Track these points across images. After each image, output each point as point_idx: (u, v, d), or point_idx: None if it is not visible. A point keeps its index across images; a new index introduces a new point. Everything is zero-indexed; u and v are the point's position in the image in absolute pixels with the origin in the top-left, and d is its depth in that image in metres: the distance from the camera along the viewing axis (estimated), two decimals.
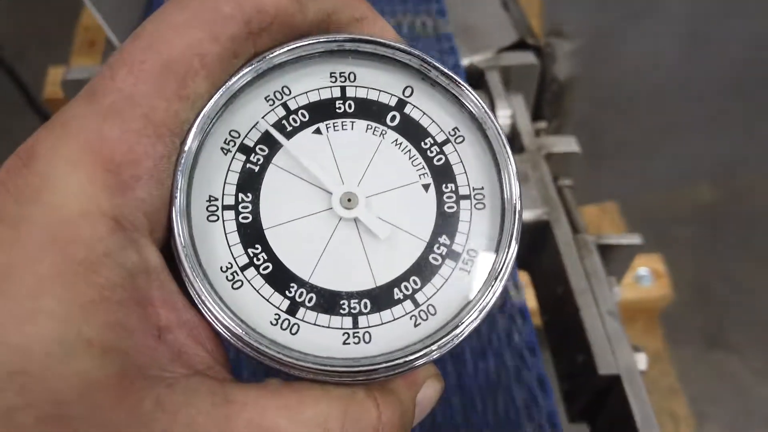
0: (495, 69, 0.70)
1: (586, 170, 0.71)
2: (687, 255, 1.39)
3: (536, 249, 0.61)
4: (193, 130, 0.31)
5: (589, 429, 0.55)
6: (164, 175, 0.30)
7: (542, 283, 0.61)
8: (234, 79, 0.32)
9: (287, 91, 0.35)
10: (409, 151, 0.35)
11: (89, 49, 1.47)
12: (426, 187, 0.34)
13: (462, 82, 0.35)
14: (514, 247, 0.33)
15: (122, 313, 0.27)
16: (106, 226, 0.27)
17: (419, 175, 0.34)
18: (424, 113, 0.36)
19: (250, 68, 0.33)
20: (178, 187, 0.31)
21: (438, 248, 0.33)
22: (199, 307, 0.30)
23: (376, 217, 0.33)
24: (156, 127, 0.29)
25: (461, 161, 0.35)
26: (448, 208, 0.34)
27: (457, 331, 0.31)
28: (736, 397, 1.38)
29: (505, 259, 0.32)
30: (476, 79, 0.71)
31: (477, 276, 0.33)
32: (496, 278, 0.32)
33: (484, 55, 0.71)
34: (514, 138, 0.68)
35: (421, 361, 0.31)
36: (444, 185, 0.34)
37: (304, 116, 0.35)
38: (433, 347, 0.31)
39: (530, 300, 0.62)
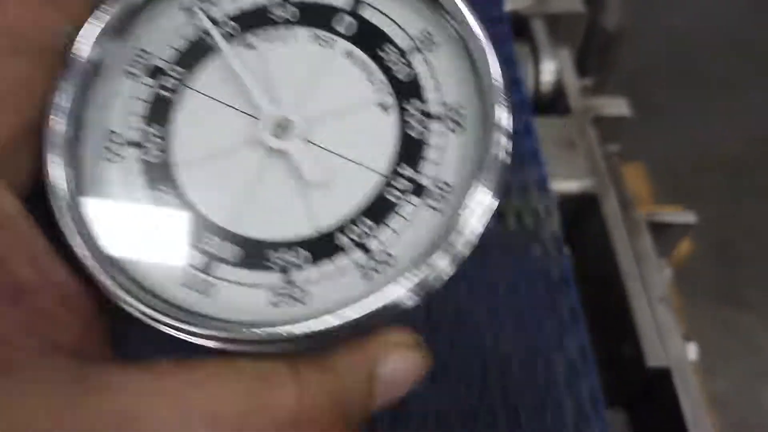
0: (540, 16, 0.60)
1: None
2: (709, 206, 1.24)
3: (578, 224, 0.52)
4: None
5: (627, 416, 0.47)
6: (23, 96, 0.24)
7: (583, 261, 0.52)
8: None
9: None
10: (366, 64, 0.27)
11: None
12: (385, 107, 0.26)
13: None
14: (500, 177, 0.24)
15: None
16: None
17: (377, 94, 0.27)
18: (386, 15, 0.27)
19: None
20: (60, 110, 0.25)
21: (398, 182, 0.25)
22: (81, 265, 0.24)
23: (316, 148, 0.26)
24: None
25: (433, 75, 0.27)
26: (415, 132, 0.26)
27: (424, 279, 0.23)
28: (747, 355, 1.26)
29: (491, 191, 0.24)
30: (519, 27, 0.61)
31: (451, 215, 0.25)
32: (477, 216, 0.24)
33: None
34: (558, 97, 0.58)
35: (365, 318, 0.23)
36: (409, 104, 0.26)
37: (234, 30, 0.28)
38: (386, 302, 0.23)
39: None
